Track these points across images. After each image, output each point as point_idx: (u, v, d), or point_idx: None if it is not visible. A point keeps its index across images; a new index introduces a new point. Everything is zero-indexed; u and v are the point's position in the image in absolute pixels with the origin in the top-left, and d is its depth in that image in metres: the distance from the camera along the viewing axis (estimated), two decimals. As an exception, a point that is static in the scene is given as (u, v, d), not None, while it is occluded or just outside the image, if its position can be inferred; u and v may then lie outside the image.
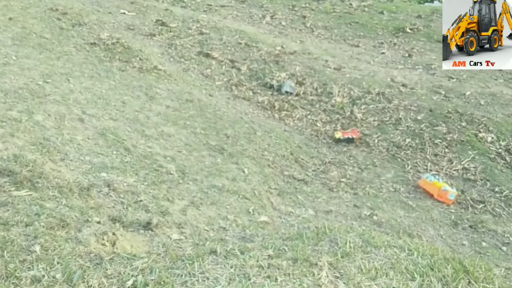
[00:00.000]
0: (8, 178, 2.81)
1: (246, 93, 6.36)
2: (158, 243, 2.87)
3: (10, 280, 2.00)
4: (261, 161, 4.94)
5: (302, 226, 3.63)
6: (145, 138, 4.51)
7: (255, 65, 6.88)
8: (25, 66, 4.87)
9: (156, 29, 7.03)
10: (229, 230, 3.36)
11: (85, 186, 3.12)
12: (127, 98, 5.10)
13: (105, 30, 6.38)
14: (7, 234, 2.30)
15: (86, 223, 2.66)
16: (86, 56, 5.63)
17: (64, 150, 3.62)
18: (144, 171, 3.84)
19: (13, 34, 5.52)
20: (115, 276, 2.20)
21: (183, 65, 6.50)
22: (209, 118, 5.44)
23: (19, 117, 3.78)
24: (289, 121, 6.04)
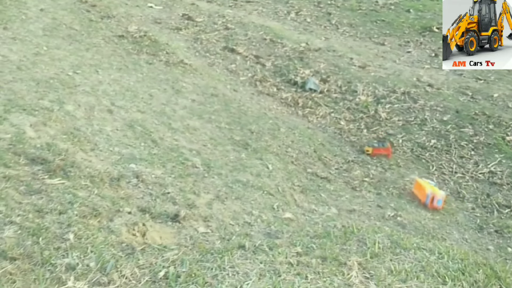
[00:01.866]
0: (41, 166, 2.85)
1: (270, 89, 6.33)
2: (186, 236, 2.89)
3: (46, 266, 2.03)
4: (285, 157, 4.91)
5: (326, 224, 3.60)
6: (172, 131, 4.53)
7: (280, 61, 6.84)
8: (56, 56, 4.94)
9: (183, 23, 7.05)
10: (254, 225, 3.35)
11: (115, 176, 3.16)
12: (154, 91, 5.13)
13: (133, 23, 6.43)
14: (41, 221, 2.34)
15: (118, 213, 2.69)
16: (114, 48, 5.68)
17: (94, 140, 3.66)
18: (171, 164, 3.86)
19: (44, 25, 5.60)
20: (147, 266, 2.22)
21: (208, 59, 6.51)
22: (233, 113, 5.43)
23: (50, 106, 3.83)
24: (312, 119, 5.99)
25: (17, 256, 2.02)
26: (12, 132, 3.11)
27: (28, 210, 2.36)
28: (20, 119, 3.33)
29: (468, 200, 4.87)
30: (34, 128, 3.30)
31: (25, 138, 3.08)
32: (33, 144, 3.06)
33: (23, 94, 3.80)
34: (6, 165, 2.73)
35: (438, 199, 4.58)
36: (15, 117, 3.33)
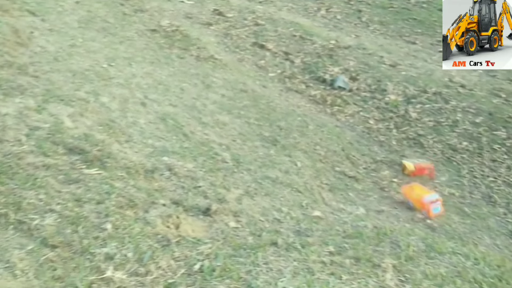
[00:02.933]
0: (79, 156, 2.90)
1: (298, 86, 6.28)
2: (217, 230, 2.90)
3: (85, 255, 2.07)
4: (313, 155, 4.87)
5: (356, 224, 3.55)
6: (202, 125, 4.55)
7: (309, 58, 6.77)
8: (91, 49, 5.02)
9: (213, 18, 7.05)
10: (284, 222, 3.34)
11: (149, 168, 3.19)
12: (185, 85, 5.16)
13: (165, 17, 6.47)
14: (80, 210, 2.38)
15: (153, 205, 2.72)
16: (147, 42, 5.73)
17: (128, 132, 3.71)
18: (202, 158, 3.87)
19: (79, 17, 5.69)
20: (182, 259, 2.24)
21: (238, 55, 6.50)
22: (262, 109, 5.42)
23: (86, 97, 3.90)
24: (340, 117, 5.92)
25: (58, 244, 2.07)
26: (51, 121, 3.17)
27: (67, 199, 2.41)
28: (58, 109, 3.40)
29: (500, 205, 4.73)
30: (71, 118, 3.36)
31: (63, 128, 3.14)
32: (71, 134, 3.12)
33: (61, 85, 3.87)
34: (46, 154, 2.79)
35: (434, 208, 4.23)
36: (53, 107, 3.40)
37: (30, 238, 2.06)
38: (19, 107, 3.16)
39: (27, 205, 2.23)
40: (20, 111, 3.10)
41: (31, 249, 1.96)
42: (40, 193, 2.35)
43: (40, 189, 2.39)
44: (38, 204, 2.27)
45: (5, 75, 3.52)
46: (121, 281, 1.93)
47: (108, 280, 1.92)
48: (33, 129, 2.97)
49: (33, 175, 2.49)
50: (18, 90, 3.38)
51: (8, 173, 2.43)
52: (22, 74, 3.71)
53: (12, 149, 2.68)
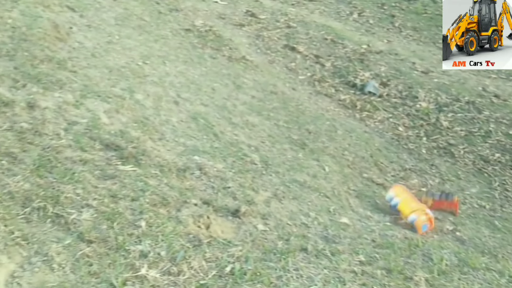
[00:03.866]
0: (115, 153, 2.94)
1: (328, 89, 6.21)
2: (245, 232, 2.88)
3: (120, 252, 2.08)
4: (341, 160, 4.81)
5: (384, 233, 3.48)
6: (232, 126, 4.55)
7: (339, 62, 6.68)
8: (127, 46, 5.08)
9: (246, 19, 7.04)
10: (311, 227, 3.29)
11: (181, 167, 3.20)
12: (217, 85, 5.17)
13: (199, 17, 6.50)
14: (115, 206, 2.41)
15: (185, 204, 2.72)
16: (181, 41, 5.77)
17: (161, 130, 3.74)
18: (231, 158, 3.87)
19: (116, 14, 5.77)
20: (213, 260, 2.23)
21: (268, 57, 6.47)
22: (291, 112, 5.38)
23: (122, 94, 3.95)
24: (370, 122, 5.82)
25: (94, 239, 2.09)
26: (88, 117, 3.22)
27: (104, 195, 2.44)
28: (95, 105, 3.45)
29: (533, 220, 4.56)
30: (107, 114, 3.40)
31: (100, 124, 3.19)
32: (107, 130, 3.16)
33: (98, 81, 3.94)
34: (83, 149, 2.83)
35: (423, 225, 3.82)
36: (90, 102, 3.46)
37: (67, 232, 2.09)
38: (58, 102, 3.22)
39: (65, 199, 2.26)
40: (59, 106, 3.16)
41: (68, 244, 1.99)
42: (78, 188, 2.39)
43: (78, 183, 2.42)
44: (76, 199, 2.30)
45: (45, 69, 3.59)
46: (154, 280, 1.94)
47: (142, 278, 1.93)
48: (71, 123, 3.02)
49: (71, 169, 2.53)
50: (57, 85, 3.45)
51: (47, 166, 2.47)
52: (61, 69, 3.78)
53: (51, 143, 2.73)
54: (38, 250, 1.91)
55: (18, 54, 3.62)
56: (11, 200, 2.11)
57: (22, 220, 2.05)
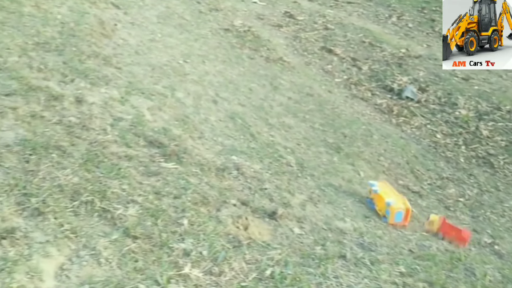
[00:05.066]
0: (158, 150, 2.96)
1: (364, 93, 6.09)
2: (282, 234, 2.85)
3: (164, 249, 2.09)
4: (377, 166, 4.70)
5: (421, 243, 3.37)
6: (268, 127, 4.53)
7: (377, 66, 6.54)
8: (168, 44, 5.14)
9: (284, 20, 7.00)
10: (347, 233, 3.23)
11: (220, 166, 3.20)
12: (254, 86, 5.16)
13: (238, 17, 6.51)
14: (159, 203, 2.43)
15: (224, 204, 2.72)
16: (220, 41, 5.79)
17: (200, 129, 3.75)
18: (268, 160, 3.85)
19: (158, 12, 5.85)
20: (253, 262, 2.21)
21: (305, 58, 6.41)
22: (327, 115, 5.31)
23: (164, 92, 3.99)
24: (406, 128, 5.67)
25: (139, 235, 2.11)
26: (133, 113, 3.27)
27: (148, 191, 2.46)
28: (139, 101, 3.50)
29: None
30: (151, 111, 3.44)
31: (144, 121, 3.23)
32: (150, 127, 3.20)
33: (141, 78, 3.99)
34: (128, 145, 2.87)
35: (398, 212, 3.51)
36: (135, 99, 3.51)
37: (113, 227, 2.12)
38: (105, 97, 3.28)
39: (111, 194, 2.29)
40: (105, 101, 3.22)
41: (115, 239, 2.01)
42: (124, 183, 2.42)
43: (124, 179, 2.45)
44: (122, 194, 2.33)
45: (92, 65, 3.67)
46: (197, 279, 1.93)
47: (185, 277, 1.93)
48: (117, 119, 3.07)
49: (117, 165, 2.57)
50: (103, 81, 3.52)
51: (94, 161, 2.52)
52: (107, 65, 3.85)
53: (98, 138, 2.78)
54: (86, 244, 1.94)
55: (67, 49, 3.71)
56: (60, 193, 2.15)
57: (71, 213, 2.09)
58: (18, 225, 1.87)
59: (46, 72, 3.12)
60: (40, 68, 3.15)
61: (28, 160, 2.27)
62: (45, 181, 2.18)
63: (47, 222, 1.95)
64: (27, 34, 3.62)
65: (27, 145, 2.37)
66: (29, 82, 2.89)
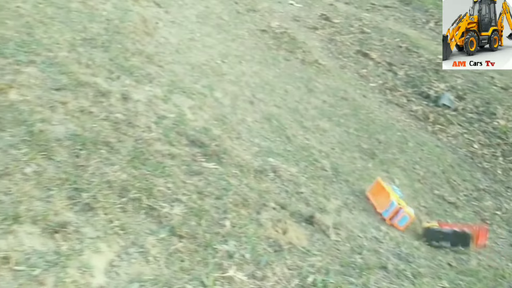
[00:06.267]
0: (199, 149, 2.97)
1: (400, 99, 5.96)
2: (318, 240, 2.81)
3: (208, 250, 2.09)
4: (412, 174, 4.59)
5: (458, 256, 3.27)
6: (303, 130, 4.48)
7: (413, 72, 6.39)
8: (207, 44, 5.15)
9: (320, 23, 6.92)
10: (383, 242, 3.16)
11: (258, 168, 3.18)
12: (290, 88, 5.11)
13: (275, 18, 6.47)
14: (202, 203, 2.42)
15: (264, 207, 2.70)
16: (256, 42, 5.77)
17: (237, 129, 3.74)
18: (303, 163, 3.80)
19: (197, 12, 5.87)
20: (295, 268, 2.19)
21: (340, 62, 6.32)
22: (362, 120, 5.21)
23: (203, 91, 3.99)
24: (442, 137, 5.51)
25: (184, 235, 2.11)
26: (175, 112, 3.29)
27: (192, 191, 2.46)
28: (181, 100, 3.51)
29: None
30: (192, 110, 3.45)
31: (186, 120, 3.24)
32: (192, 126, 3.21)
33: (182, 77, 4.01)
34: (171, 143, 2.88)
35: (402, 217, 3.39)
36: (176, 98, 3.52)
37: (159, 225, 2.13)
38: (149, 95, 3.31)
39: (157, 192, 2.31)
40: (149, 99, 3.24)
41: (162, 238, 2.02)
42: (169, 182, 2.43)
43: (168, 177, 2.46)
44: (167, 192, 2.34)
45: (136, 62, 3.71)
46: (241, 282, 1.92)
47: (230, 279, 1.92)
48: (161, 117, 3.09)
49: (162, 163, 2.58)
50: (147, 78, 3.55)
51: (140, 158, 2.54)
52: (150, 63, 3.89)
53: (143, 135, 2.80)
54: (135, 241, 1.95)
55: (112, 46, 3.76)
56: (109, 189, 2.17)
57: (119, 209, 2.10)
58: (69, 220, 1.90)
59: (94, 68, 3.17)
60: (88, 64, 3.21)
61: (78, 155, 2.31)
62: (94, 176, 2.20)
63: (97, 218, 1.97)
64: (75, 29, 3.68)
65: (77, 140, 2.40)
66: (78, 78, 2.94)
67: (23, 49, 2.99)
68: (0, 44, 2.97)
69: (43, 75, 2.80)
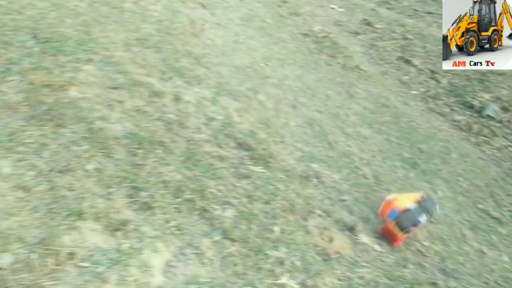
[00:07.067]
0: (247, 152, 2.96)
1: (442, 108, 5.78)
2: (362, 251, 2.75)
3: (259, 255, 2.08)
4: (455, 186, 4.43)
5: (505, 275, 3.15)
6: (345, 136, 4.40)
7: (457, 80, 6.19)
8: (250, 46, 5.15)
9: (361, 28, 6.80)
10: (427, 256, 3.07)
11: (302, 174, 3.15)
12: (331, 93, 5.05)
13: (317, 22, 6.41)
14: (251, 207, 2.42)
15: (310, 214, 2.67)
16: (298, 46, 5.72)
17: (281, 133, 3.72)
18: (346, 170, 3.74)
19: (241, 14, 5.88)
20: (344, 279, 2.15)
21: (381, 67, 6.19)
22: (403, 128, 5.08)
23: (248, 94, 3.99)
24: (486, 149, 5.31)
25: (236, 239, 2.11)
26: (223, 114, 3.29)
27: (241, 194, 2.46)
28: (228, 102, 3.52)
29: None
30: (238, 113, 3.45)
31: (233, 122, 3.24)
32: (239, 128, 3.21)
33: (228, 79, 4.02)
34: (220, 145, 2.89)
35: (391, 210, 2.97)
36: (224, 100, 3.53)
37: (211, 227, 2.13)
38: (198, 96, 3.33)
39: (209, 194, 2.31)
40: (199, 101, 3.27)
41: (216, 240, 2.02)
42: (219, 184, 2.43)
43: (219, 180, 2.47)
44: (218, 195, 2.34)
45: (186, 64, 3.74)
46: (293, 291, 1.90)
47: (282, 286, 1.90)
48: (210, 119, 3.10)
49: (212, 165, 2.59)
50: (196, 80, 3.57)
51: (193, 159, 2.55)
52: (198, 65, 3.92)
53: (194, 136, 2.82)
54: (190, 242, 1.96)
55: (164, 46, 3.81)
56: (165, 189, 2.20)
57: (174, 209, 2.12)
58: (129, 218, 1.92)
59: (148, 68, 3.22)
60: (142, 64, 3.26)
61: (135, 154, 2.34)
62: (151, 175, 2.23)
63: (155, 217, 1.99)
64: (129, 29, 3.75)
65: (134, 139, 2.44)
66: (134, 77, 2.99)
67: (82, 47, 3.07)
68: (60, 42, 3.06)
69: (101, 73, 2.86)
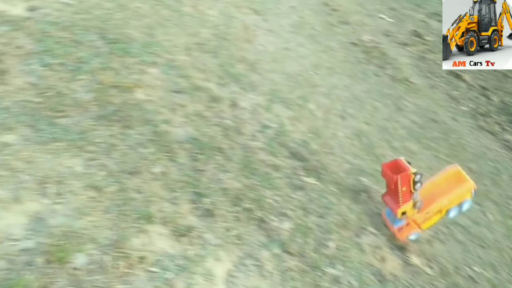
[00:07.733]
0: (300, 163, 2.93)
1: (492, 126, 5.52)
2: (412, 272, 2.67)
3: (316, 271, 2.04)
4: (505, 210, 4.23)
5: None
6: (392, 150, 4.28)
7: (509, 99, 5.90)
8: (300, 54, 5.10)
9: (410, 39, 6.60)
10: (479, 283, 2.94)
11: (352, 188, 3.08)
12: (378, 104, 4.92)
13: (366, 32, 6.27)
14: (307, 220, 2.38)
15: (363, 231, 2.60)
16: (346, 55, 5.62)
17: (330, 144, 3.66)
18: (394, 186, 3.63)
19: (292, 21, 5.83)
20: (401, 304, 2.08)
21: (430, 81, 5.98)
22: (452, 145, 4.89)
23: (299, 102, 3.95)
24: (537, 172, 5.03)
25: (294, 252, 2.08)
26: (277, 122, 3.28)
27: (296, 206, 2.43)
28: (281, 110, 3.50)
29: None
30: (291, 121, 3.43)
31: (286, 131, 3.22)
32: (291, 138, 3.18)
33: (280, 86, 4.00)
34: (274, 154, 2.87)
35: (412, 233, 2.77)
36: (277, 107, 3.51)
37: (269, 238, 2.12)
38: (253, 103, 3.32)
39: (266, 204, 2.30)
40: (254, 108, 3.26)
41: (275, 253, 2.00)
42: (276, 195, 2.41)
43: (276, 190, 2.45)
44: (274, 206, 2.32)
45: (241, 70, 3.75)
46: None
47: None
48: (264, 127, 3.09)
49: (268, 174, 2.58)
50: (250, 86, 3.57)
51: (250, 167, 2.55)
52: (252, 71, 3.92)
53: (249, 143, 2.81)
54: (250, 253, 1.95)
55: (220, 52, 3.83)
56: (225, 197, 2.20)
57: (233, 218, 2.12)
58: (194, 224, 1.93)
59: (207, 73, 3.25)
60: (202, 68, 3.28)
61: (197, 159, 2.36)
62: (212, 182, 2.24)
63: (217, 225, 1.99)
64: (189, 33, 3.80)
65: (195, 144, 2.46)
66: (194, 82, 3.02)
67: (147, 50, 3.13)
68: (127, 43, 3.13)
69: (165, 76, 2.90)
